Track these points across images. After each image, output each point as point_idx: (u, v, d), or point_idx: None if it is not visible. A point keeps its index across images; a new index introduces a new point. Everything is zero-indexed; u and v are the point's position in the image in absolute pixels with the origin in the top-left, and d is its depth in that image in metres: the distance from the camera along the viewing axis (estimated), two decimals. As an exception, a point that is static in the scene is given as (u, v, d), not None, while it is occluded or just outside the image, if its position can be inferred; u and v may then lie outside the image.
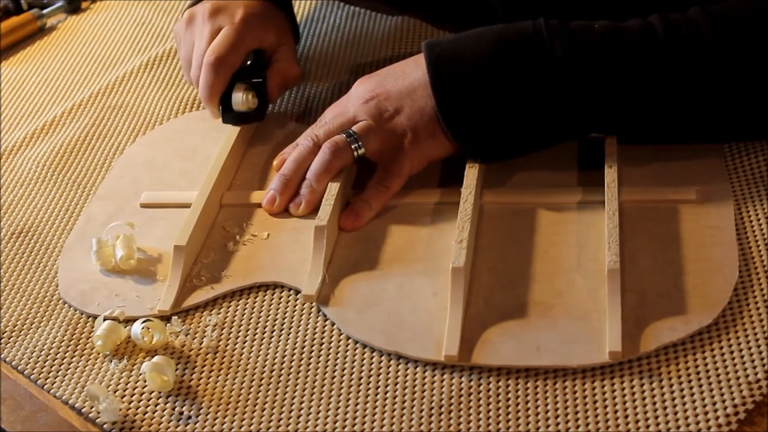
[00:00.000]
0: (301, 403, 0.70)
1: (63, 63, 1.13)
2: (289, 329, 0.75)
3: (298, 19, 1.12)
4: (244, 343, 0.75)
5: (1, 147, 0.99)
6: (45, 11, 1.21)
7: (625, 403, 0.66)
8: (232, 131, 0.92)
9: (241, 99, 0.92)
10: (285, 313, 0.77)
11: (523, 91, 0.79)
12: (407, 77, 0.83)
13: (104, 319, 0.76)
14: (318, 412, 0.69)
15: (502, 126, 0.81)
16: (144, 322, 0.75)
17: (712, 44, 0.77)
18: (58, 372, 0.75)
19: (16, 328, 0.79)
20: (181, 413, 0.70)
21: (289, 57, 0.96)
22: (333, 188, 0.82)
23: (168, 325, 0.76)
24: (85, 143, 0.98)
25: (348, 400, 0.69)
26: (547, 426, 0.66)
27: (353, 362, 0.72)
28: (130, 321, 0.77)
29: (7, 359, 0.76)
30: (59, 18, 1.22)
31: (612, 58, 0.78)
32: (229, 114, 0.92)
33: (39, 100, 1.06)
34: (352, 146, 0.82)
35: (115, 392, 0.72)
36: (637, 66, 0.78)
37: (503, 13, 0.91)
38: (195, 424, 0.69)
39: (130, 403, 0.71)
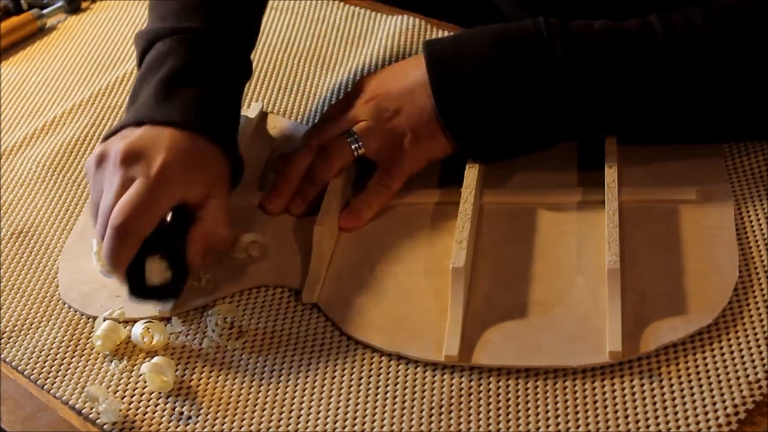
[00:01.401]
0: (301, 403, 0.70)
1: (63, 63, 1.13)
2: (289, 329, 0.75)
3: (298, 19, 1.12)
4: (244, 343, 0.75)
5: (1, 147, 0.99)
6: (45, 11, 1.21)
7: (625, 403, 0.66)
8: (232, 131, 0.92)
9: (152, 272, 0.75)
10: (285, 313, 0.76)
11: (522, 91, 0.79)
12: (407, 77, 0.83)
13: (104, 320, 0.76)
14: (318, 412, 0.69)
15: (502, 126, 0.81)
16: (144, 323, 0.75)
17: (712, 44, 0.77)
18: (58, 372, 0.75)
19: (16, 328, 0.79)
20: (181, 413, 0.70)
21: (217, 215, 0.78)
22: (333, 188, 0.82)
23: (168, 325, 0.76)
24: (85, 143, 0.98)
25: (348, 400, 0.69)
26: (547, 426, 0.66)
27: (353, 362, 0.72)
28: (130, 322, 0.77)
29: (7, 359, 0.76)
30: (59, 18, 1.22)
31: (611, 57, 0.78)
32: (138, 288, 0.75)
33: (39, 100, 1.06)
34: (352, 146, 0.82)
35: (115, 393, 0.72)
36: (637, 66, 0.78)
37: (506, 10, 0.91)
38: (195, 424, 0.69)
39: (130, 404, 0.71)
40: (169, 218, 0.77)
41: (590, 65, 0.78)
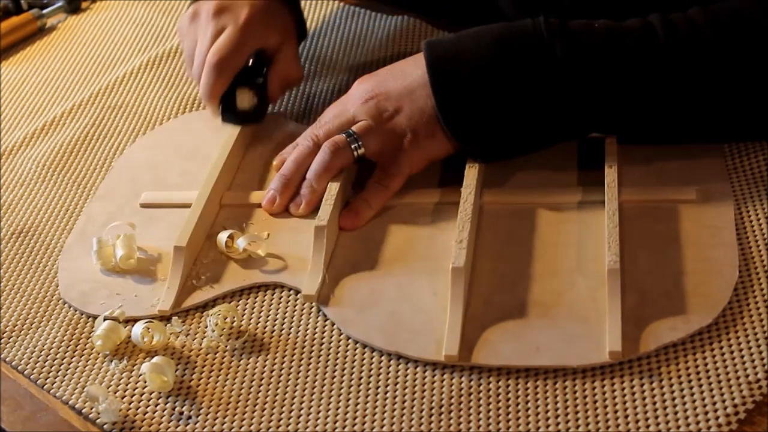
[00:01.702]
0: (301, 403, 0.70)
1: (63, 63, 1.13)
2: (289, 329, 0.75)
3: (298, 18, 1.13)
4: (244, 343, 0.75)
5: (1, 147, 0.99)
6: (45, 11, 1.21)
7: (625, 403, 0.66)
8: (232, 131, 0.92)
9: (241, 99, 0.93)
10: (285, 313, 0.77)
11: (522, 91, 0.79)
12: (407, 77, 0.83)
13: (104, 319, 0.76)
14: (318, 412, 0.69)
15: (502, 126, 0.81)
16: (144, 323, 0.75)
17: (712, 44, 0.77)
18: (58, 372, 0.75)
19: (16, 328, 0.79)
20: (181, 413, 0.70)
21: (290, 58, 0.95)
22: (333, 188, 0.82)
23: (168, 325, 0.76)
24: (85, 143, 0.98)
25: (348, 400, 0.69)
26: (547, 426, 0.66)
27: (353, 362, 0.72)
28: (130, 321, 0.77)
29: (7, 359, 0.76)
30: (59, 18, 1.22)
31: (612, 57, 0.78)
32: (229, 114, 0.93)
33: (39, 100, 1.06)
34: (352, 146, 0.82)
35: (115, 393, 0.72)
36: (637, 66, 0.78)
37: (506, 10, 0.91)
38: (195, 424, 0.69)
39: (130, 404, 0.71)
40: (251, 62, 0.94)
41: (590, 65, 0.78)
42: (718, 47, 0.77)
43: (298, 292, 0.78)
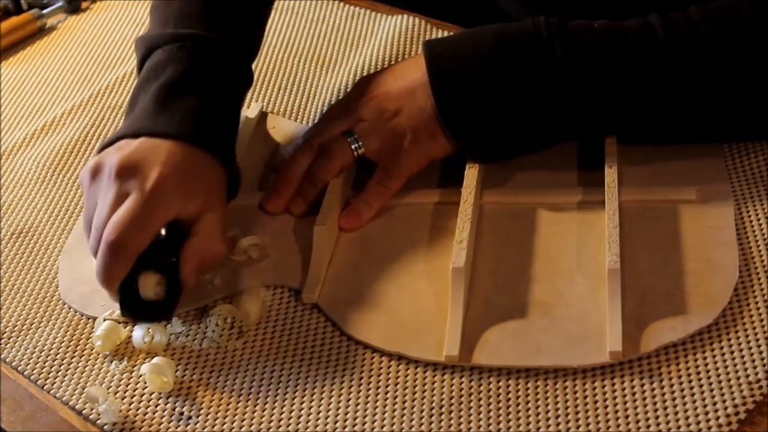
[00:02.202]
0: (301, 403, 0.70)
1: (63, 63, 1.13)
2: (290, 329, 0.75)
3: (298, 19, 1.12)
4: (244, 343, 0.75)
5: (1, 147, 0.99)
6: (45, 11, 1.21)
7: (625, 403, 0.66)
8: (232, 131, 0.92)
9: (144, 286, 0.74)
10: (285, 313, 0.76)
11: (522, 91, 0.79)
12: (407, 77, 0.83)
13: (104, 320, 0.76)
14: (318, 412, 0.69)
15: (502, 126, 0.81)
16: (145, 326, 0.75)
17: (712, 43, 0.77)
18: (58, 372, 0.75)
19: (16, 328, 0.79)
20: (182, 413, 0.70)
21: (212, 231, 0.76)
22: (333, 188, 0.82)
23: (168, 326, 0.76)
24: (85, 143, 0.98)
25: (348, 400, 0.69)
26: (548, 426, 0.66)
27: (353, 362, 0.72)
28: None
29: (7, 359, 0.76)
30: (59, 18, 1.22)
31: (611, 58, 0.78)
32: (128, 309, 0.74)
33: (39, 100, 1.06)
34: (352, 146, 0.82)
35: (115, 393, 0.72)
36: (637, 66, 0.78)
37: (506, 10, 0.91)
38: (195, 424, 0.69)
39: (130, 404, 0.71)
40: (163, 232, 0.74)
41: (590, 65, 0.78)
42: (718, 46, 0.77)
43: (298, 292, 0.78)
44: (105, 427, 0.70)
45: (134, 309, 0.74)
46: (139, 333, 0.75)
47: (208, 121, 0.79)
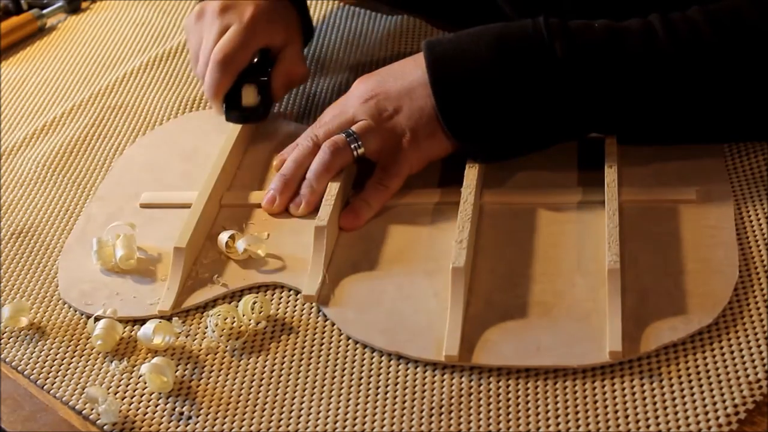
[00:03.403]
0: (301, 403, 0.70)
1: (63, 63, 1.13)
2: (289, 329, 0.75)
3: (298, 18, 1.13)
4: (244, 343, 0.75)
5: (1, 147, 0.99)
6: (45, 11, 1.21)
7: (625, 403, 0.66)
8: (233, 132, 0.92)
9: (245, 96, 0.93)
10: (285, 313, 0.77)
11: (522, 91, 0.79)
12: (407, 77, 0.83)
13: (96, 319, 0.76)
14: (318, 412, 0.69)
15: (502, 126, 0.81)
16: (153, 323, 0.75)
17: (712, 44, 0.77)
18: (58, 372, 0.75)
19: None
20: (182, 413, 0.70)
21: (295, 56, 0.96)
22: (333, 188, 0.82)
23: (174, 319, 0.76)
24: (85, 143, 0.98)
25: (348, 400, 0.69)
26: (548, 426, 0.66)
27: (353, 362, 0.72)
28: (129, 321, 0.77)
29: (7, 359, 0.76)
30: (59, 18, 1.22)
31: (612, 58, 0.78)
32: (233, 111, 0.93)
33: (39, 100, 1.06)
34: (352, 146, 0.82)
35: (115, 393, 0.72)
36: (637, 66, 0.78)
37: (507, 10, 0.91)
38: (195, 424, 0.69)
39: (130, 404, 0.71)
40: (255, 60, 0.95)
41: (591, 65, 0.78)
42: (718, 47, 0.77)
43: (298, 292, 0.78)
44: (105, 427, 0.70)
45: (238, 111, 0.93)
46: (149, 330, 0.75)
47: None
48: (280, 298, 0.78)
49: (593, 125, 0.81)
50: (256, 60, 0.95)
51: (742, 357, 0.67)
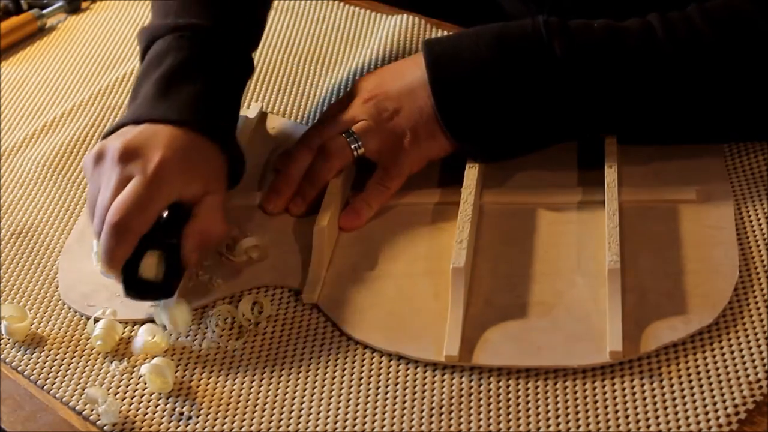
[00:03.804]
0: (301, 403, 0.70)
1: (63, 63, 1.13)
2: (289, 329, 0.75)
3: (298, 19, 1.12)
4: (244, 343, 0.75)
5: (1, 147, 0.99)
6: (45, 11, 1.21)
7: (625, 403, 0.66)
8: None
9: (147, 268, 0.75)
10: (285, 313, 0.76)
11: (522, 91, 0.79)
12: (406, 77, 0.83)
13: (96, 320, 0.76)
14: (318, 412, 0.69)
15: (502, 126, 0.81)
16: (145, 332, 0.75)
17: (711, 43, 0.77)
18: (58, 372, 0.75)
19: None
20: (182, 413, 0.70)
21: (212, 212, 0.78)
22: (333, 188, 0.82)
23: (166, 331, 0.76)
24: (85, 143, 0.98)
25: (348, 400, 0.69)
26: (548, 426, 0.66)
27: (353, 362, 0.72)
28: (126, 322, 0.77)
29: (7, 359, 0.76)
30: (59, 18, 1.22)
31: (611, 57, 0.78)
32: (131, 289, 0.76)
33: (39, 100, 1.06)
34: (352, 146, 0.82)
35: (115, 394, 0.72)
36: (637, 66, 0.78)
37: (506, 10, 0.91)
38: (195, 424, 0.69)
39: (130, 405, 0.71)
40: (165, 215, 0.76)
41: (590, 65, 0.78)
42: (717, 46, 0.77)
43: (298, 292, 0.78)
44: (105, 427, 0.70)
45: (137, 289, 0.75)
46: (140, 339, 0.75)
47: (208, 107, 0.81)
48: (280, 298, 0.78)
49: (593, 125, 0.81)
50: (165, 214, 0.76)
51: (742, 357, 0.67)
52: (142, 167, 0.75)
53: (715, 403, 0.65)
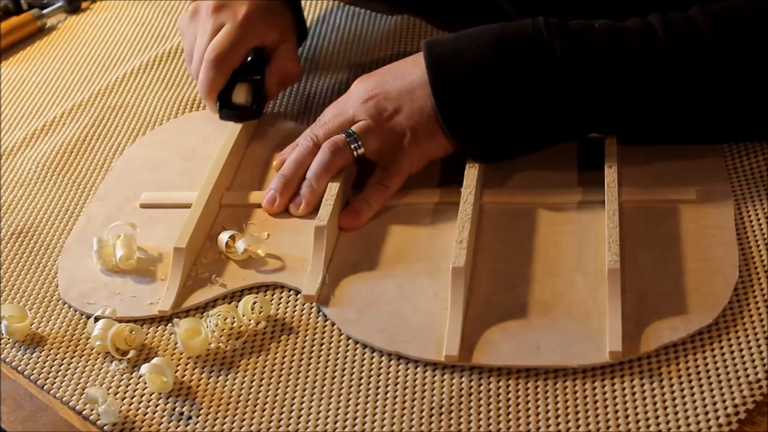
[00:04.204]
0: (301, 403, 0.70)
1: (63, 63, 1.13)
2: (289, 329, 0.75)
3: (298, 18, 1.13)
4: (244, 343, 0.75)
5: (1, 147, 0.99)
6: (45, 11, 1.21)
7: (625, 403, 0.66)
8: (233, 131, 0.92)
9: (238, 95, 0.94)
10: (285, 313, 0.76)
11: (522, 92, 0.79)
12: (407, 77, 0.83)
13: (96, 319, 0.76)
14: (318, 412, 0.69)
15: (502, 126, 0.81)
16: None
17: (712, 44, 0.77)
18: (58, 372, 0.75)
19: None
20: (181, 413, 0.70)
21: (289, 55, 0.96)
22: (333, 188, 0.82)
23: (169, 325, 0.76)
24: (85, 143, 0.98)
25: (348, 400, 0.69)
26: (548, 426, 0.66)
27: (353, 362, 0.72)
28: (127, 321, 0.77)
29: (7, 359, 0.76)
30: (59, 18, 1.22)
31: (611, 58, 0.78)
32: (226, 109, 0.94)
33: (39, 100, 1.06)
34: (352, 146, 0.82)
35: (115, 394, 0.72)
36: (637, 66, 0.78)
37: (507, 10, 0.91)
38: (195, 424, 0.69)
39: (130, 404, 0.71)
40: (250, 58, 0.95)
41: (590, 65, 0.78)
42: (718, 47, 0.77)
43: (298, 292, 0.78)
44: (105, 427, 0.70)
45: (231, 109, 0.94)
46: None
47: None
48: (280, 298, 0.78)
49: (593, 125, 0.81)
50: (250, 58, 0.95)
51: (742, 357, 0.67)
52: (233, 16, 0.93)
53: (715, 403, 0.65)
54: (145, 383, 0.72)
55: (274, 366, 0.73)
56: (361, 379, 0.71)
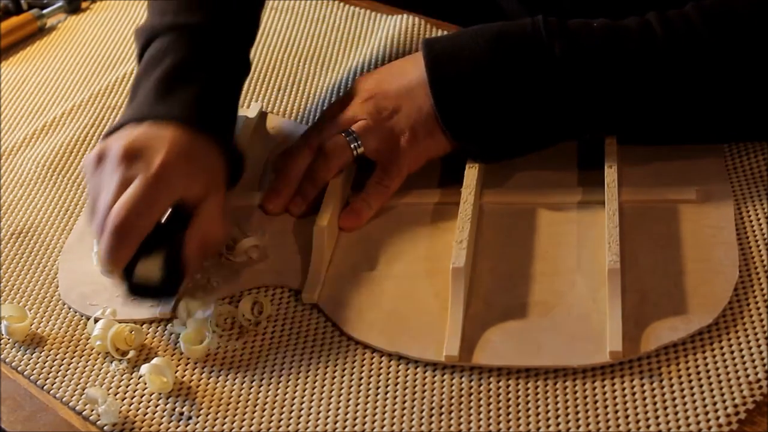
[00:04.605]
0: (301, 403, 0.70)
1: (63, 63, 1.13)
2: (290, 329, 0.75)
3: (298, 19, 1.12)
4: (245, 343, 0.75)
5: (1, 147, 0.99)
6: (45, 11, 1.21)
7: (625, 403, 0.66)
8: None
9: (147, 269, 0.75)
10: (285, 313, 0.76)
11: (521, 91, 0.79)
12: (406, 76, 0.83)
13: (96, 320, 0.76)
14: (318, 412, 0.69)
15: (501, 125, 0.81)
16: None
17: (710, 42, 0.77)
18: (58, 372, 0.75)
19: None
20: (181, 413, 0.70)
21: (214, 213, 0.77)
22: (333, 188, 0.82)
23: (169, 325, 0.76)
24: (85, 143, 0.98)
25: (348, 400, 0.69)
26: (548, 426, 0.66)
27: (353, 362, 0.72)
28: (127, 322, 0.77)
29: (7, 359, 0.76)
30: (59, 18, 1.22)
31: (610, 57, 0.78)
32: (133, 286, 0.75)
33: (39, 100, 1.06)
34: (351, 145, 0.82)
35: (115, 394, 0.72)
36: (636, 65, 0.78)
37: (506, 9, 0.91)
38: (195, 424, 0.69)
39: (130, 405, 0.71)
40: (166, 216, 0.76)
41: (589, 64, 0.78)
42: (716, 45, 0.77)
43: (298, 292, 0.78)
44: (105, 427, 0.70)
45: (139, 291, 0.75)
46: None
47: (209, 107, 0.81)
48: (280, 298, 0.78)
49: (592, 125, 0.81)
50: (167, 216, 0.76)
51: (742, 357, 0.67)
52: (145, 168, 0.74)
53: (715, 403, 0.65)
54: (145, 383, 0.72)
55: (274, 366, 0.73)
56: (361, 379, 0.71)
